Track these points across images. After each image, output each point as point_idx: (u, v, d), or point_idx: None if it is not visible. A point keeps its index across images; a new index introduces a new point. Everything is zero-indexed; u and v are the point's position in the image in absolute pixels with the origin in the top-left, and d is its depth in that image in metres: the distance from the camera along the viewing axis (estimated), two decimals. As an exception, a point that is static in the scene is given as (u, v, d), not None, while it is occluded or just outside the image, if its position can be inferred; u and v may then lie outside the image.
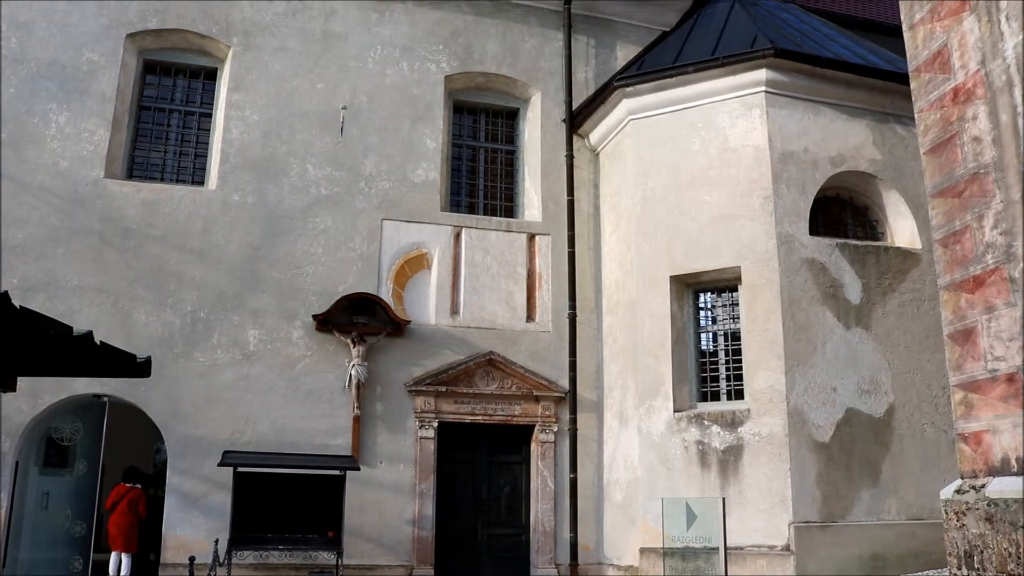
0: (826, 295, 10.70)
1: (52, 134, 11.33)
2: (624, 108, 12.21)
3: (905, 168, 11.39)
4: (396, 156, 12.47)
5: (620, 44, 13.85)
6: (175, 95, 12.43)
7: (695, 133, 11.56)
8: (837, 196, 11.57)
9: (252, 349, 11.35)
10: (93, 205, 11.24)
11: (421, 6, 13.12)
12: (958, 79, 5.65)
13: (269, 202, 11.83)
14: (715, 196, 11.20)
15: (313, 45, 12.54)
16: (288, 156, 12.04)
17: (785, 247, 10.68)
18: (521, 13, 13.56)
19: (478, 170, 13.40)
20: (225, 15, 12.30)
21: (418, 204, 12.42)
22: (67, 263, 10.98)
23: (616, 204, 12.51)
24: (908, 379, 10.77)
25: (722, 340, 11.22)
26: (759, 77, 11.19)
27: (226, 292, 11.40)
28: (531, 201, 13.15)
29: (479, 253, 12.51)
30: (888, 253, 11.16)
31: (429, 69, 12.95)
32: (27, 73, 11.42)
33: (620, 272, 12.16)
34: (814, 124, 11.23)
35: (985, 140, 5.38)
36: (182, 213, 11.51)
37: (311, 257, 11.81)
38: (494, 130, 13.68)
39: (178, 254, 11.35)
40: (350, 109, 12.43)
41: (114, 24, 11.88)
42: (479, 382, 12.05)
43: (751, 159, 11.07)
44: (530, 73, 13.41)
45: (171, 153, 12.19)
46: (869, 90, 11.42)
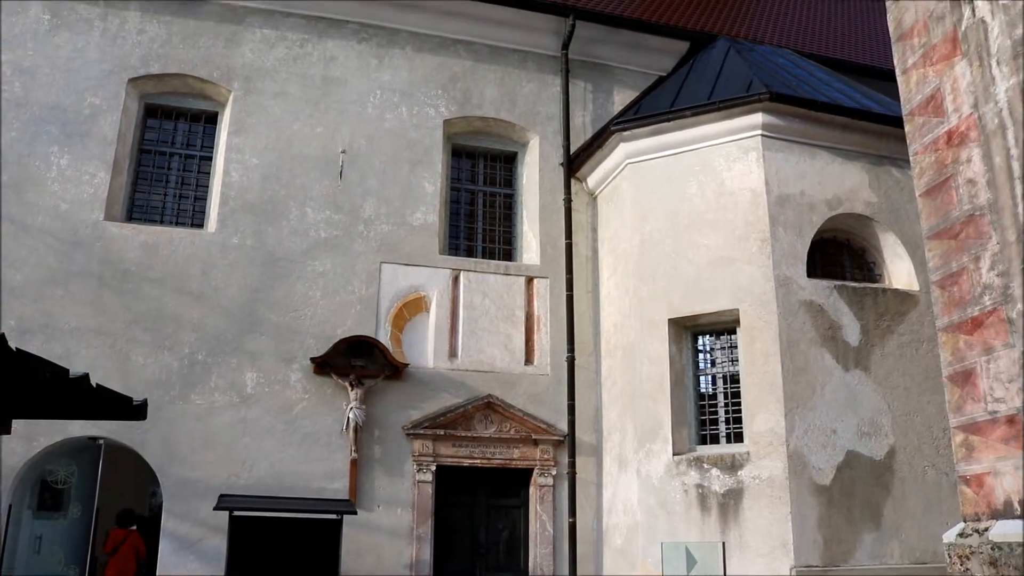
0: (825, 337, 10.69)
1: (53, 177, 11.40)
2: (621, 152, 12.30)
3: (901, 210, 11.46)
4: (395, 200, 12.53)
5: (617, 89, 14.01)
6: (176, 138, 12.53)
7: (692, 176, 11.64)
8: (834, 238, 11.62)
9: (250, 392, 11.30)
10: (92, 247, 11.27)
11: (420, 52, 13.28)
12: (952, 122, 5.71)
13: (268, 245, 11.86)
14: (712, 239, 11.24)
15: (313, 90, 12.67)
16: (287, 199, 12.11)
17: (783, 289, 10.70)
18: (519, 58, 13.73)
19: (476, 214, 13.47)
20: (226, 60, 12.45)
21: (417, 247, 12.46)
22: (65, 305, 10.98)
23: (614, 247, 12.55)
24: (908, 421, 10.72)
25: (721, 383, 11.18)
26: (755, 121, 11.30)
27: (224, 335, 11.39)
28: (529, 244, 13.19)
29: (477, 296, 12.53)
30: (886, 295, 11.18)
31: (428, 114, 13.08)
32: (30, 117, 11.52)
33: (618, 315, 12.16)
34: (810, 167, 11.32)
35: (980, 182, 5.42)
36: (181, 256, 11.54)
37: (309, 300, 11.81)
38: (492, 174, 13.77)
39: (177, 296, 11.35)
40: (349, 153, 12.52)
41: (116, 69, 12.02)
42: (477, 425, 11.99)
43: (748, 202, 11.14)
44: (528, 117, 13.54)
45: (171, 196, 12.25)
46: (864, 133, 11.53)
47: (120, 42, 12.13)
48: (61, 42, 11.93)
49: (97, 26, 12.11)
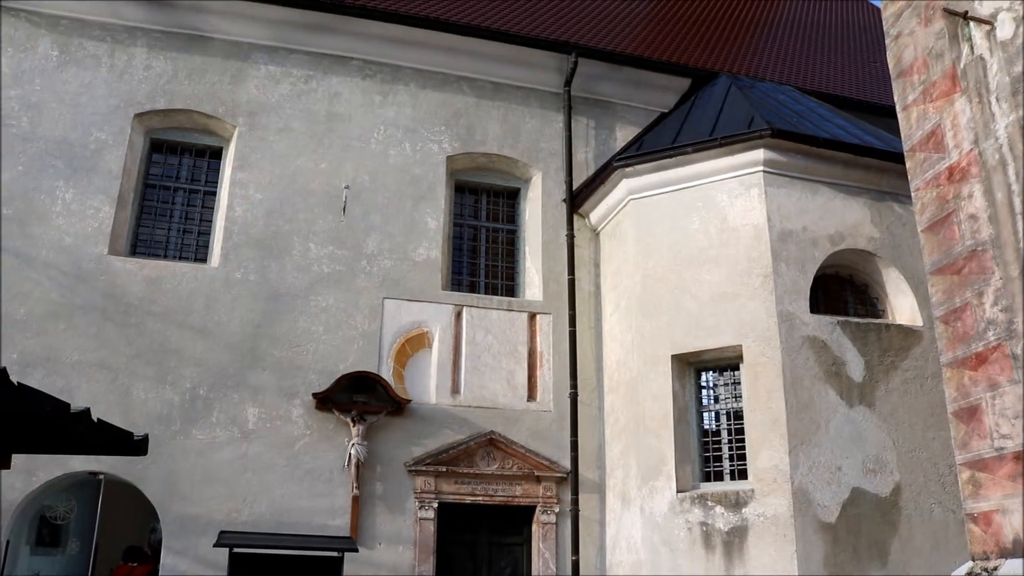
0: (828, 373, 10.65)
1: (58, 211, 11.45)
2: (624, 188, 12.35)
3: (904, 246, 11.46)
4: (398, 235, 12.57)
5: (619, 125, 14.10)
6: (180, 173, 12.60)
7: (694, 212, 11.67)
8: (837, 274, 11.62)
9: (251, 427, 11.25)
10: (96, 281, 11.29)
11: (424, 88, 13.39)
12: (952, 158, 5.73)
13: (271, 280, 11.88)
14: (715, 275, 11.24)
15: (317, 126, 12.76)
16: (291, 234, 12.14)
17: (786, 325, 10.68)
18: (522, 95, 13.83)
19: (479, 249, 13.49)
20: (232, 96, 12.56)
21: (419, 283, 12.47)
22: (68, 339, 10.98)
23: (617, 283, 12.55)
24: (914, 458, 10.64)
25: (724, 419, 11.12)
26: (757, 157, 11.35)
27: (226, 370, 11.36)
28: (532, 280, 13.20)
29: (480, 332, 12.51)
30: (889, 330, 11.15)
31: (431, 150, 13.15)
32: (36, 151, 11.60)
33: (621, 351, 12.13)
34: (812, 203, 11.35)
35: (981, 218, 5.43)
36: (184, 290, 11.55)
37: (312, 335, 11.80)
38: (495, 210, 13.82)
39: (179, 331, 11.35)
40: (353, 188, 12.57)
41: (123, 104, 12.12)
42: (480, 462, 11.91)
43: (750, 238, 11.15)
44: (531, 154, 13.61)
45: (175, 230, 12.29)
46: (866, 169, 11.57)
47: (127, 78, 12.25)
48: (69, 77, 12.04)
49: (105, 62, 12.24)
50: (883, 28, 6.61)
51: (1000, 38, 5.31)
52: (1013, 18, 5.21)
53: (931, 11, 5.97)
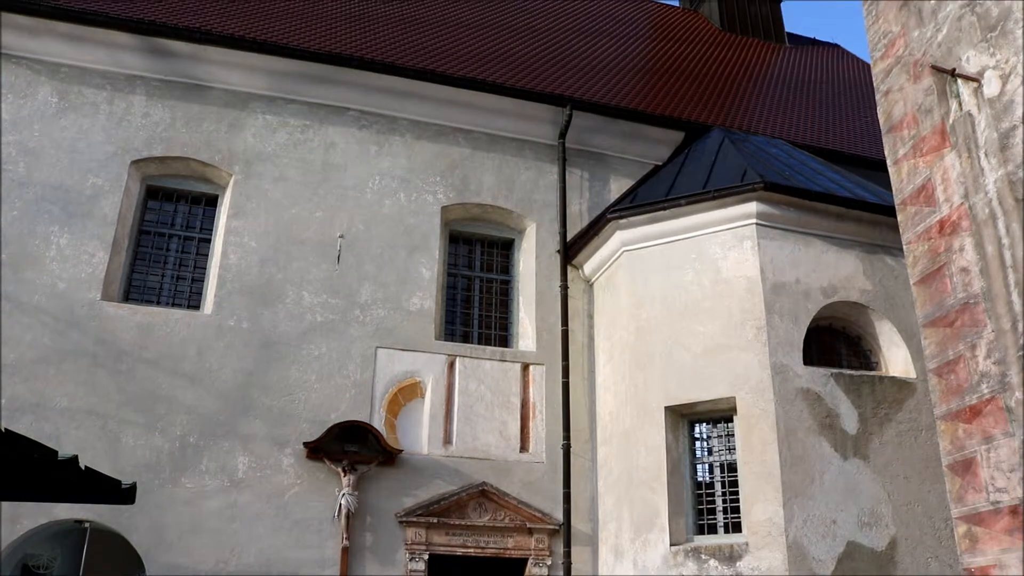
0: (822, 425, 10.61)
1: (52, 256, 11.45)
2: (618, 240, 12.41)
3: (896, 298, 11.50)
4: (392, 285, 12.58)
5: (613, 177, 14.22)
6: (176, 220, 12.64)
7: (688, 264, 11.72)
8: (830, 326, 11.64)
9: (241, 476, 11.13)
10: (88, 327, 11.25)
11: (419, 140, 13.51)
12: (943, 212, 5.78)
13: (264, 328, 11.85)
14: (708, 327, 11.25)
15: (313, 175, 12.84)
16: (284, 283, 12.15)
17: (779, 377, 10.66)
18: (517, 147, 13.96)
19: (473, 299, 13.50)
20: (228, 144, 12.65)
21: (413, 333, 12.45)
22: (58, 384, 10.90)
23: (610, 334, 12.55)
24: (909, 511, 10.55)
25: (718, 471, 11.04)
26: (750, 210, 11.44)
27: (217, 417, 11.28)
28: (525, 331, 13.19)
29: (473, 382, 12.46)
30: (883, 383, 11.14)
31: (426, 200, 13.23)
32: (32, 196, 11.64)
33: (614, 402, 12.08)
34: (805, 255, 11.41)
35: (973, 271, 5.46)
36: (177, 337, 11.51)
37: (304, 384, 11.74)
38: (489, 260, 13.86)
39: (170, 378, 11.29)
40: (347, 238, 12.61)
41: (120, 151, 12.20)
42: (471, 513, 11.79)
43: (744, 290, 11.19)
44: (525, 205, 13.70)
45: (169, 277, 12.29)
46: (858, 222, 11.66)
47: (125, 125, 12.35)
48: (67, 124, 12.13)
49: (103, 109, 12.35)
50: (873, 84, 6.71)
51: (987, 95, 5.39)
52: (999, 76, 5.29)
53: (920, 68, 6.07)
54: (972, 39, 5.51)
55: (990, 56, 5.36)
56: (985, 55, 5.40)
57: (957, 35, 5.65)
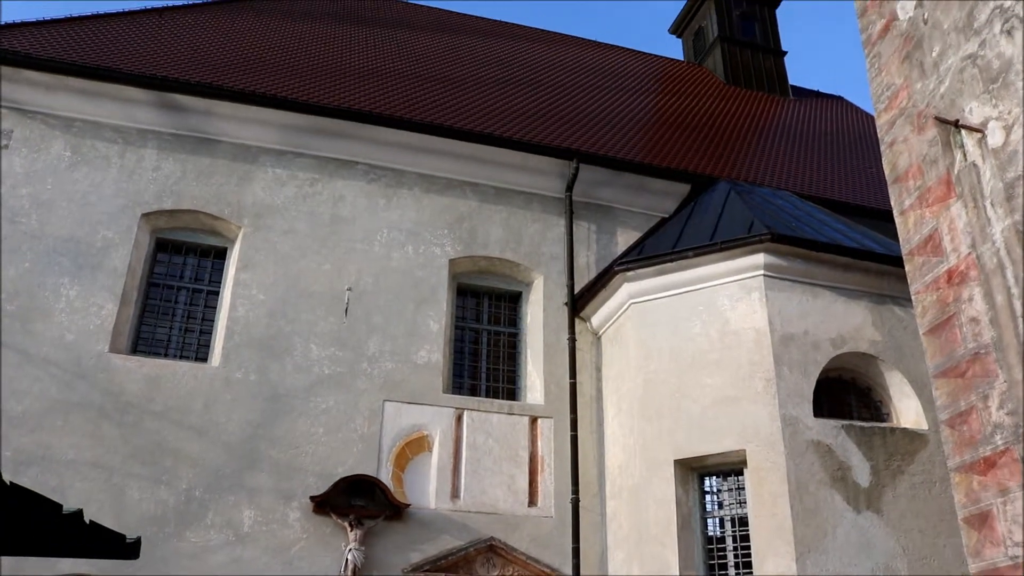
0: (834, 478, 10.48)
1: (61, 307, 11.49)
2: (625, 292, 12.41)
3: (905, 348, 11.44)
4: (400, 337, 12.57)
5: (620, 229, 14.27)
6: (184, 272, 12.70)
7: (696, 316, 11.69)
8: (840, 377, 11.56)
9: (246, 530, 11.01)
10: (95, 379, 11.24)
11: (428, 193, 13.61)
12: (951, 262, 5.76)
13: (271, 380, 11.83)
14: (717, 379, 11.19)
15: (321, 228, 12.92)
16: (292, 335, 12.15)
17: (790, 429, 10.57)
18: (524, 200, 14.05)
19: (480, 352, 13.47)
20: (238, 198, 12.76)
21: (420, 386, 12.40)
22: (64, 436, 10.86)
23: (618, 387, 12.48)
24: (925, 565, 10.35)
25: (729, 525, 10.89)
26: (757, 261, 11.44)
27: (223, 470, 11.20)
28: (533, 384, 13.13)
29: (481, 436, 12.38)
30: (895, 434, 11.02)
31: (434, 253, 13.28)
32: (43, 248, 11.73)
33: (623, 456, 11.97)
34: (813, 306, 11.38)
35: (983, 321, 5.42)
36: (184, 389, 11.49)
37: (311, 437, 11.68)
38: (497, 313, 13.86)
39: (177, 430, 11.24)
40: (355, 290, 12.65)
41: (131, 204, 12.32)
42: (479, 569, 11.61)
43: (752, 341, 11.14)
44: (533, 257, 13.74)
45: (177, 329, 12.31)
46: (865, 273, 11.65)
47: (136, 178, 12.48)
48: (79, 177, 12.27)
49: (115, 162, 12.50)
50: (877, 135, 6.75)
51: (991, 145, 5.42)
52: (1003, 127, 5.32)
53: (923, 119, 6.11)
54: (974, 91, 5.55)
55: (992, 107, 5.39)
56: (988, 106, 5.44)
57: (959, 87, 5.69)
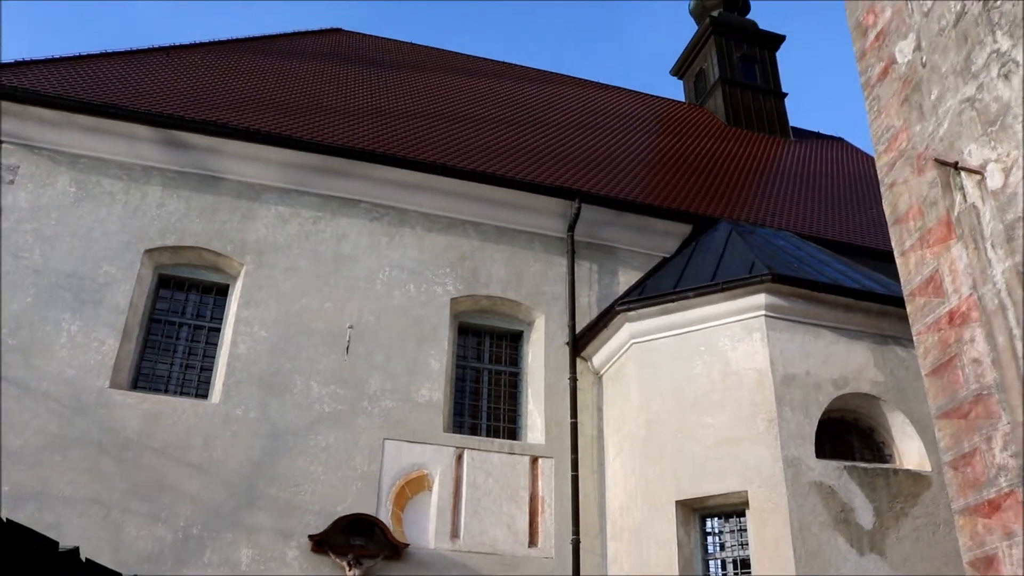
0: (837, 520, 10.39)
1: (62, 342, 11.50)
2: (627, 332, 12.40)
3: (908, 389, 11.40)
4: (401, 376, 12.55)
5: (622, 269, 14.29)
6: (186, 309, 12.71)
7: (697, 356, 11.68)
8: (842, 418, 11.51)
9: (244, 569, 10.91)
10: (95, 414, 11.21)
11: (430, 232, 13.66)
12: (952, 303, 5.76)
13: (272, 418, 11.79)
14: (719, 419, 11.15)
15: (324, 266, 12.95)
16: (293, 373, 12.13)
17: (792, 470, 10.50)
18: (526, 239, 14.09)
19: (481, 391, 13.44)
20: (241, 235, 12.81)
21: (421, 424, 12.36)
22: (62, 472, 10.80)
23: (620, 427, 12.43)
24: (929, 611, 10.24)
25: (731, 567, 10.78)
26: (758, 301, 11.45)
27: (222, 508, 11.12)
28: (534, 423, 13.08)
29: (481, 475, 12.30)
30: (898, 476, 10.95)
31: (436, 291, 13.29)
32: (46, 283, 11.75)
33: (624, 496, 11.89)
34: (814, 347, 11.37)
35: (985, 362, 5.41)
36: (183, 426, 11.45)
37: (310, 475, 11.61)
38: (498, 352, 13.84)
39: (176, 467, 11.18)
40: (357, 328, 12.64)
41: (134, 240, 12.37)
42: (478, 610, 11.49)
43: (754, 382, 11.12)
44: (534, 297, 13.75)
45: (177, 366, 12.30)
46: (866, 313, 11.65)
47: (140, 214, 12.55)
48: (84, 212, 12.34)
49: (120, 199, 12.57)
50: (877, 176, 6.79)
51: (991, 187, 5.45)
52: (1002, 168, 5.35)
53: (923, 161, 6.15)
54: (973, 133, 5.60)
55: (991, 150, 5.43)
56: (987, 148, 5.48)
57: (958, 129, 5.74)
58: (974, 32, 5.54)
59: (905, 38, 6.38)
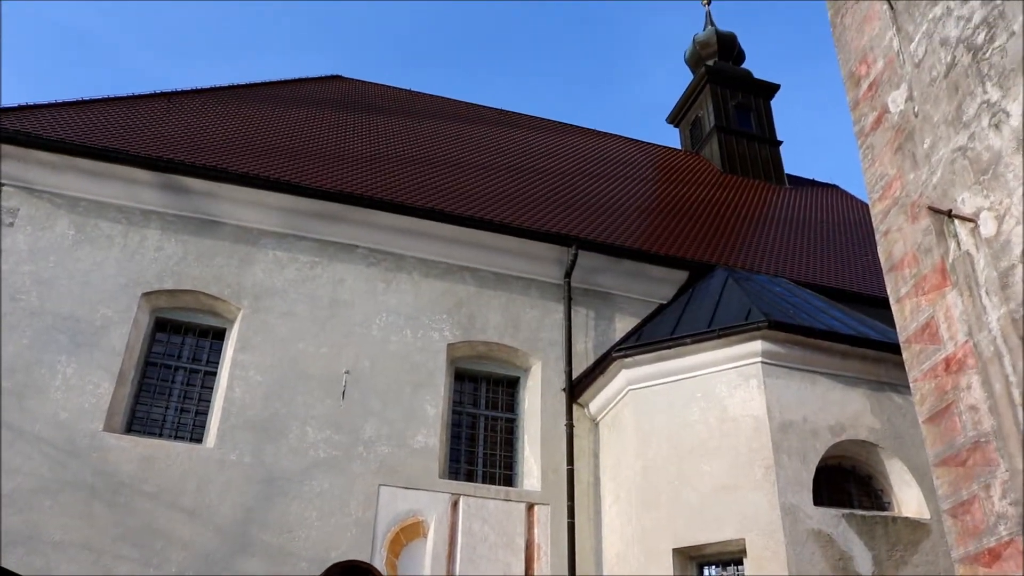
0: (835, 568, 10.28)
1: (57, 385, 11.45)
2: (623, 378, 12.39)
3: (905, 436, 11.36)
4: (396, 421, 12.49)
5: (618, 316, 14.31)
6: (183, 352, 12.68)
7: (694, 403, 11.66)
8: (839, 465, 11.46)
9: (234, 618, 10.76)
10: (88, 458, 11.12)
11: (427, 277, 13.69)
12: (948, 350, 5.78)
13: (266, 463, 11.71)
14: (716, 466, 11.10)
15: (320, 311, 12.96)
16: (288, 418, 12.07)
17: (790, 518, 10.43)
18: (523, 285, 14.12)
19: (478, 437, 13.37)
20: (238, 279, 12.84)
21: (416, 470, 12.27)
22: (53, 516, 10.68)
23: (616, 474, 12.36)
24: (931, 665, 10.11)
25: (729, 619, 10.66)
26: (755, 348, 11.46)
27: (214, 555, 10.99)
28: (530, 470, 13.00)
29: (477, 522, 12.19)
30: (896, 524, 10.87)
31: (432, 337, 13.29)
32: (42, 326, 11.73)
33: (621, 544, 11.78)
34: (811, 393, 11.36)
35: (982, 409, 5.41)
36: (177, 470, 11.36)
37: (305, 521, 11.50)
38: (494, 398, 13.79)
39: (169, 512, 11.07)
40: (353, 374, 12.62)
41: (131, 283, 12.38)
42: (472, 661, 11.31)
43: (751, 429, 11.09)
44: (531, 343, 13.74)
45: (172, 409, 12.24)
46: (863, 360, 11.65)
47: (138, 258, 12.57)
48: (82, 255, 12.36)
49: (118, 242, 12.60)
50: (872, 223, 6.84)
51: (984, 235, 5.49)
52: (995, 216, 5.40)
53: (917, 209, 6.21)
54: (966, 181, 5.66)
55: (984, 198, 5.48)
56: (979, 196, 5.53)
57: (951, 178, 5.80)
58: (964, 83, 5.63)
59: (897, 88, 6.47)
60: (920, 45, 6.10)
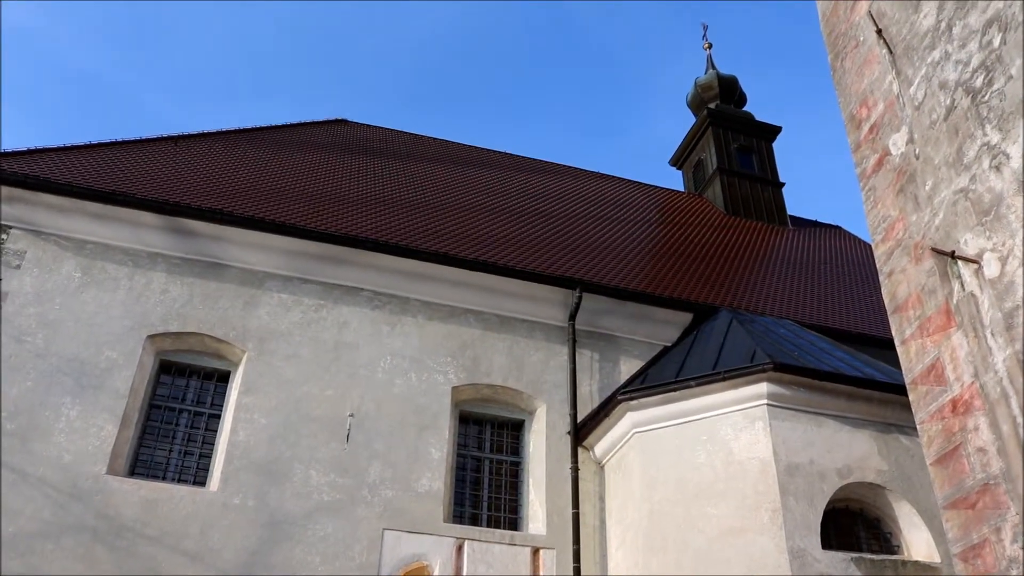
0: (845, 616, 10.16)
1: (61, 427, 11.42)
2: (628, 421, 12.33)
3: (914, 478, 11.27)
4: (401, 464, 12.43)
5: (623, 358, 14.28)
6: (187, 395, 12.67)
7: (700, 446, 11.60)
8: (847, 508, 11.36)
9: (236, 665, 10.62)
10: (91, 501, 11.06)
11: (431, 320, 13.70)
12: (954, 391, 5.75)
13: (270, 506, 11.63)
14: (723, 509, 11.01)
15: (325, 353, 12.95)
16: (292, 460, 12.02)
17: (798, 562, 10.31)
18: (527, 328, 14.12)
19: (482, 481, 13.29)
20: (243, 322, 12.86)
21: (421, 514, 12.18)
22: (54, 560, 10.59)
23: (622, 517, 12.26)
24: None
25: (738, 666, 10.49)
26: (760, 390, 11.42)
27: (215, 600, 10.88)
28: (535, 514, 12.90)
29: (482, 567, 12.07)
30: (906, 567, 10.74)
31: (437, 380, 13.26)
32: (47, 368, 11.74)
33: (627, 588, 11.64)
34: (818, 436, 11.29)
35: (990, 451, 5.37)
36: (180, 514, 11.29)
37: (308, 565, 11.39)
38: (499, 441, 13.73)
39: (171, 556, 10.98)
40: (357, 416, 12.58)
41: (137, 326, 12.40)
42: None
43: (757, 471, 11.01)
44: (535, 386, 13.70)
45: (176, 452, 12.19)
46: (869, 401, 11.60)
47: (143, 300, 12.61)
48: (88, 298, 12.40)
49: (124, 284, 12.65)
50: (875, 264, 6.86)
51: (988, 276, 5.50)
52: (998, 257, 5.41)
53: (920, 250, 6.22)
54: (968, 223, 5.67)
55: (987, 239, 5.49)
56: (982, 238, 5.54)
57: (954, 219, 5.82)
58: (964, 125, 5.68)
59: (898, 131, 6.52)
60: (920, 88, 6.16)
